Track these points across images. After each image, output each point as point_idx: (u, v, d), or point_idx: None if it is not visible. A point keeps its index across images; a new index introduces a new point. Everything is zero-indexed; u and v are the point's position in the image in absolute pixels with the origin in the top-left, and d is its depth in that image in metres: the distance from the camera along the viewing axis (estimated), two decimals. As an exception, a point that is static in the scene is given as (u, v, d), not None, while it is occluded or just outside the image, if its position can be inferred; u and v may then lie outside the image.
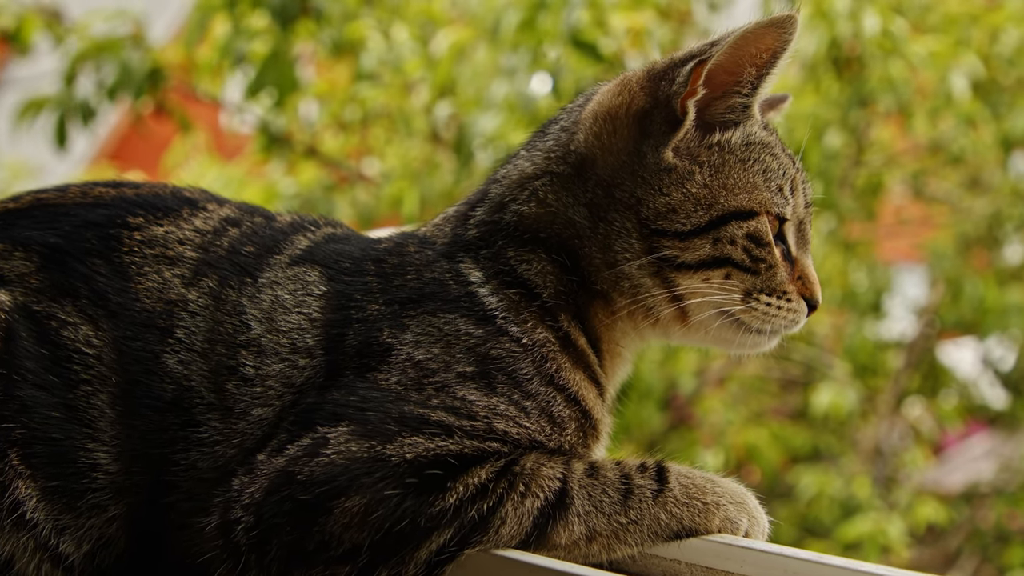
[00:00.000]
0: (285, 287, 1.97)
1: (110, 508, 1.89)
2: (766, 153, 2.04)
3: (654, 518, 1.81)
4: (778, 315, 2.02)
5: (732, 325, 2.03)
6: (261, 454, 1.85)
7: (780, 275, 2.01)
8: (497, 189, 2.08)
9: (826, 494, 7.04)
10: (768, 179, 2.02)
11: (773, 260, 2.01)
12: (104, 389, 1.90)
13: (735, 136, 2.02)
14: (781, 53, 1.99)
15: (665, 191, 1.97)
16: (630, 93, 2.03)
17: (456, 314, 1.93)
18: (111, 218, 2.01)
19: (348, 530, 1.77)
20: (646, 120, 2.01)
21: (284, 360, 1.91)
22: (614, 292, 2.01)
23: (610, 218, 1.99)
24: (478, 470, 1.81)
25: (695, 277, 1.98)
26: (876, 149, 7.08)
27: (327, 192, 5.74)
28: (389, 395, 1.85)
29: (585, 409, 1.96)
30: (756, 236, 1.99)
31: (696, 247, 1.97)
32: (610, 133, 2.02)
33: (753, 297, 2.00)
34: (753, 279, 2.00)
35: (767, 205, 2.00)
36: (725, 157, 2.00)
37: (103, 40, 5.21)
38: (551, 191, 2.03)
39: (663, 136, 1.99)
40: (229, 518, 1.82)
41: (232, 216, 2.08)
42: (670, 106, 1.99)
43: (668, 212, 1.97)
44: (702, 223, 1.97)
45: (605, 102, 2.05)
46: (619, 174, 2.00)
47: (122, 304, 1.94)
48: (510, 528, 1.79)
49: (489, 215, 2.06)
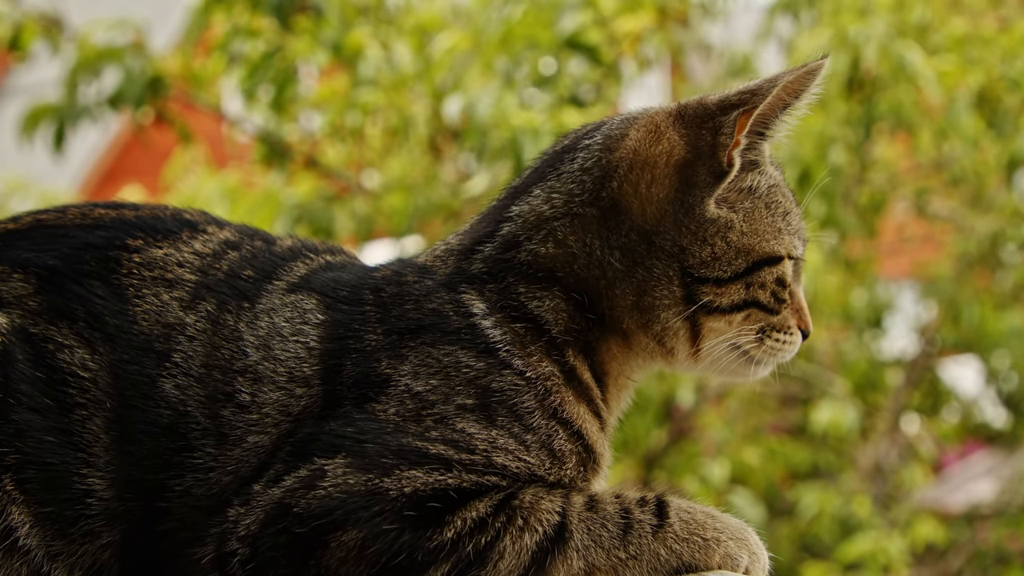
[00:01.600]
0: (282, 314, 1.95)
1: (104, 535, 1.87)
2: (781, 195, 2.06)
3: (654, 554, 1.79)
4: (783, 349, 2.05)
5: (741, 358, 2.04)
6: (257, 484, 1.83)
7: (788, 312, 2.05)
8: (510, 227, 2.04)
9: (826, 513, 7.02)
10: (788, 222, 2.04)
11: (795, 300, 2.05)
12: (99, 413, 1.88)
13: (760, 180, 2.03)
14: (804, 94, 2.01)
15: (710, 241, 1.97)
16: (669, 143, 2.01)
17: (456, 346, 1.91)
18: (110, 240, 1.99)
19: (344, 564, 1.76)
20: (688, 170, 2.00)
21: (281, 388, 1.89)
22: (640, 331, 2.01)
23: (649, 265, 1.98)
24: (476, 504, 1.79)
25: (722, 319, 2.00)
26: (879, 167, 7.08)
27: (326, 203, 5.72)
28: (387, 427, 1.83)
29: (587, 443, 1.94)
30: (782, 279, 2.01)
31: (731, 292, 1.98)
32: (648, 183, 2.00)
33: (767, 334, 2.03)
34: (770, 318, 2.02)
35: (788, 248, 2.02)
36: (755, 203, 2.01)
37: (104, 49, 5.20)
38: (571, 232, 2.00)
39: (708, 188, 1.99)
40: (225, 550, 1.80)
41: (232, 239, 2.06)
42: (715, 157, 1.98)
43: (712, 261, 1.97)
44: (739, 270, 1.98)
45: (641, 150, 2.02)
46: (661, 223, 1.99)
47: (119, 327, 1.91)
48: (508, 563, 1.77)
49: (500, 252, 2.03)
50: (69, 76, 5.23)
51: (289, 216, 5.44)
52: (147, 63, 5.21)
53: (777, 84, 1.97)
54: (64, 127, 5.22)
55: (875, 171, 6.99)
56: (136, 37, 5.29)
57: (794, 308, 2.06)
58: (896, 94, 5.53)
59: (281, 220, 5.37)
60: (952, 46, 6.00)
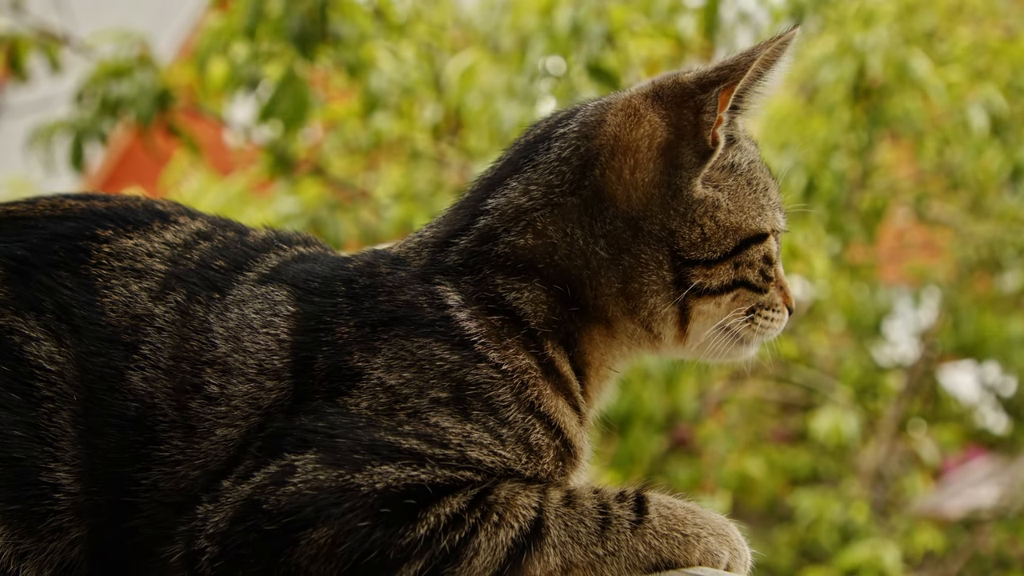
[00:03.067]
0: (252, 306, 1.91)
1: (72, 531, 1.83)
2: (760, 170, 2.03)
3: (632, 550, 1.76)
4: (771, 327, 2.04)
5: (729, 339, 2.03)
6: (227, 480, 1.79)
7: (774, 290, 2.03)
8: (486, 220, 2.01)
9: (825, 518, 7.03)
10: (769, 197, 2.02)
11: (778, 277, 2.03)
12: (66, 407, 1.84)
13: (740, 157, 2.01)
14: (775, 65, 2.00)
15: (699, 222, 1.95)
16: (651, 125, 1.98)
17: (430, 338, 1.87)
18: (80, 230, 1.95)
19: (315, 562, 1.72)
20: (672, 152, 1.97)
21: (251, 381, 1.85)
22: (626, 318, 1.98)
23: (636, 251, 1.95)
24: (450, 500, 1.76)
25: (711, 301, 1.98)
26: (880, 172, 7.08)
27: (331, 210, 5.71)
28: (359, 421, 1.80)
29: (565, 437, 1.90)
30: (768, 256, 2.00)
31: (720, 273, 1.97)
32: (632, 168, 1.97)
33: (756, 313, 2.01)
34: (758, 296, 2.01)
35: (773, 224, 2.01)
36: (738, 180, 2.00)
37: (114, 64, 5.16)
38: (552, 223, 1.97)
39: (693, 168, 1.96)
40: (194, 548, 1.77)
41: (204, 230, 2.02)
42: (699, 136, 1.96)
43: (702, 242, 1.95)
44: (728, 250, 1.96)
45: (622, 135, 1.98)
46: (648, 207, 1.96)
47: (87, 318, 1.88)
48: (483, 559, 1.73)
49: (476, 244, 1.99)
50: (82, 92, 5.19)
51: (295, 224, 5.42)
52: (156, 76, 5.18)
53: (755, 58, 1.94)
54: (81, 143, 5.18)
55: (876, 176, 7.00)
56: (142, 50, 5.26)
57: (778, 284, 2.04)
58: (902, 101, 5.53)
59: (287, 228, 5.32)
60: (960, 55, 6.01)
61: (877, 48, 5.24)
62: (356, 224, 5.83)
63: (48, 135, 5.21)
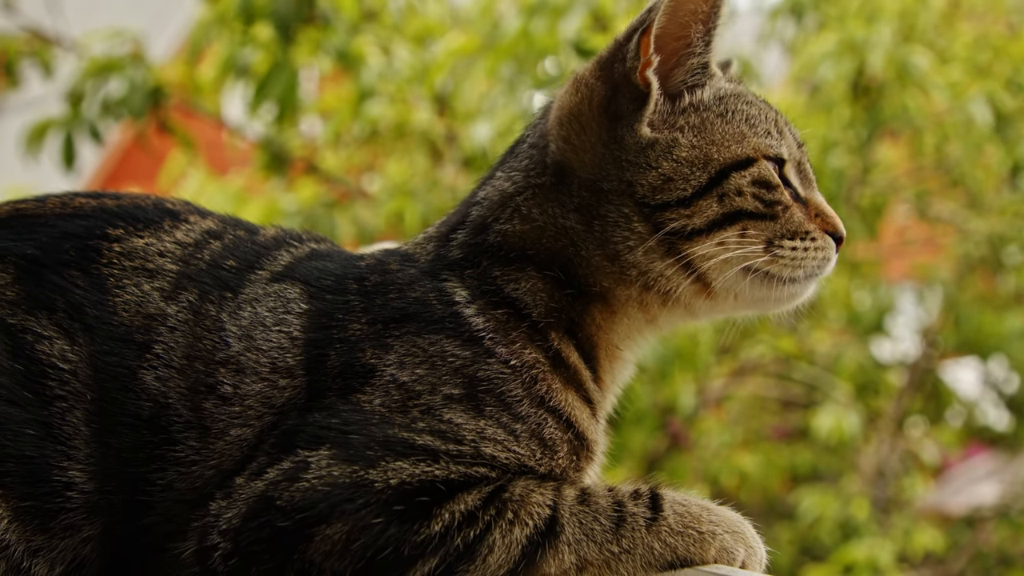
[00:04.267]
0: (265, 304, 1.91)
1: (84, 528, 1.83)
2: (741, 102, 2.01)
3: (647, 547, 1.75)
4: (807, 256, 1.97)
5: (762, 280, 1.96)
6: (240, 477, 1.79)
7: (797, 216, 1.97)
8: (478, 211, 2.03)
9: (827, 516, 7.01)
10: (753, 125, 1.99)
11: (787, 200, 1.96)
12: (79, 405, 1.84)
13: (706, 94, 1.99)
14: (722, 3, 1.97)
15: (654, 164, 1.93)
16: (588, 87, 2.00)
17: (441, 335, 1.87)
18: (90, 229, 1.96)
19: (329, 558, 1.72)
20: (611, 106, 1.97)
21: (264, 380, 1.85)
22: (619, 286, 1.96)
23: (603, 212, 1.94)
24: (465, 496, 1.75)
25: (709, 242, 1.92)
26: (880, 169, 7.06)
27: (327, 209, 5.70)
28: (372, 418, 1.80)
29: (578, 431, 1.90)
30: (762, 180, 1.95)
31: (703, 209, 1.92)
32: (579, 132, 1.98)
33: (776, 244, 1.94)
34: (772, 225, 1.95)
35: (761, 149, 1.97)
36: (703, 115, 1.97)
37: (105, 60, 5.16)
38: (535, 205, 1.99)
39: (634, 114, 1.95)
40: (206, 544, 1.77)
41: (214, 229, 2.03)
42: (631, 83, 1.96)
43: (664, 184, 1.92)
44: (702, 183, 1.92)
45: (566, 104, 2.01)
46: (602, 167, 1.96)
47: (99, 318, 1.88)
48: (498, 557, 1.72)
49: (472, 237, 2.01)
50: (73, 88, 5.19)
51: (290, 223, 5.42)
52: (148, 73, 5.17)
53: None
54: (73, 142, 5.17)
55: (876, 173, 6.98)
56: (134, 47, 5.25)
57: (811, 212, 1.99)
58: (902, 99, 5.51)
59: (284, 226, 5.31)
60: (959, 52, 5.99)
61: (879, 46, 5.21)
62: (353, 223, 5.82)
63: (40, 134, 5.20)
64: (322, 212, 5.67)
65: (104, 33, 5.31)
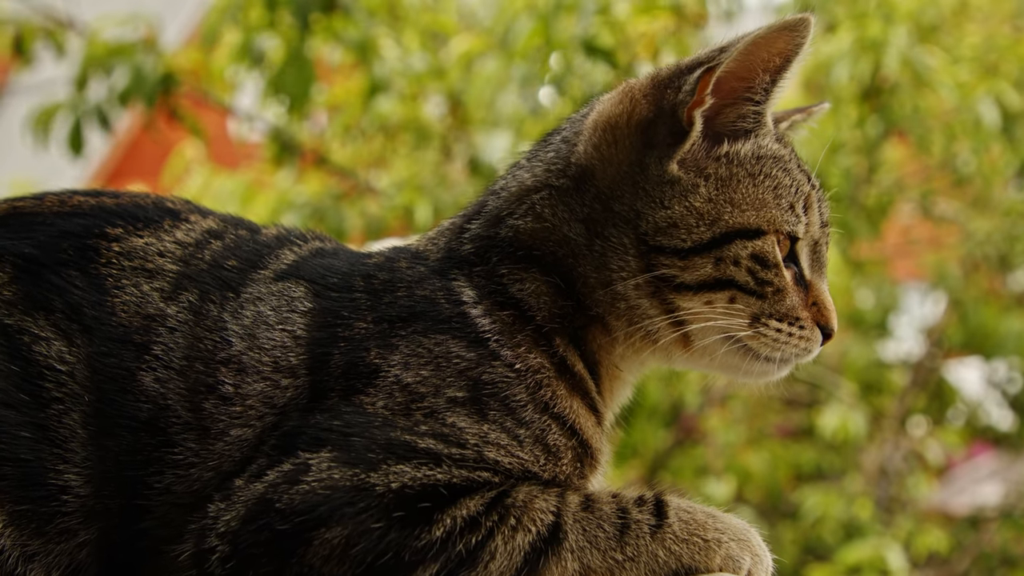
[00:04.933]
0: (269, 303, 1.88)
1: (80, 533, 1.80)
2: (778, 168, 1.94)
3: (652, 555, 1.72)
4: (788, 342, 1.91)
5: (739, 351, 1.92)
6: (239, 479, 1.76)
7: (791, 300, 1.91)
8: (495, 202, 2.00)
9: (830, 516, 7.01)
10: (779, 195, 1.91)
11: (781, 283, 1.90)
12: (77, 408, 1.80)
13: (745, 148, 1.93)
14: (794, 57, 1.90)
15: (667, 204, 1.88)
16: (632, 102, 1.94)
17: (448, 335, 1.84)
18: (89, 228, 1.92)
19: (328, 563, 1.69)
20: (650, 130, 1.92)
21: (266, 379, 1.82)
22: (610, 315, 1.92)
23: (607, 233, 1.90)
24: (467, 501, 1.72)
25: (696, 299, 1.88)
26: (886, 168, 7.07)
27: (336, 202, 5.69)
28: (375, 420, 1.77)
29: (583, 438, 1.87)
30: (761, 257, 1.88)
31: (697, 266, 1.87)
32: (610, 144, 1.93)
33: (761, 322, 1.90)
34: (760, 303, 1.89)
35: (776, 223, 1.90)
36: (733, 170, 1.90)
37: (115, 45, 5.14)
38: (548, 206, 1.94)
39: (668, 148, 1.90)
40: (204, 546, 1.74)
41: (215, 228, 1.99)
42: (676, 116, 1.90)
43: (668, 227, 1.87)
44: (703, 240, 1.87)
45: (606, 111, 1.96)
46: (619, 186, 1.91)
47: (97, 318, 1.84)
48: (500, 564, 1.70)
49: (485, 229, 1.97)
50: (80, 72, 5.17)
51: (299, 215, 5.41)
52: (159, 60, 5.14)
53: (745, 40, 1.87)
54: (80, 127, 5.15)
55: (882, 173, 6.98)
56: (147, 33, 5.23)
57: (809, 299, 1.93)
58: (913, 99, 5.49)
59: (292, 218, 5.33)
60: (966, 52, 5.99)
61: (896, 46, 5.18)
62: (361, 216, 5.82)
63: (47, 118, 5.18)
64: (330, 204, 5.65)
65: (118, 18, 5.28)
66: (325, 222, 5.44)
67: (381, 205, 5.71)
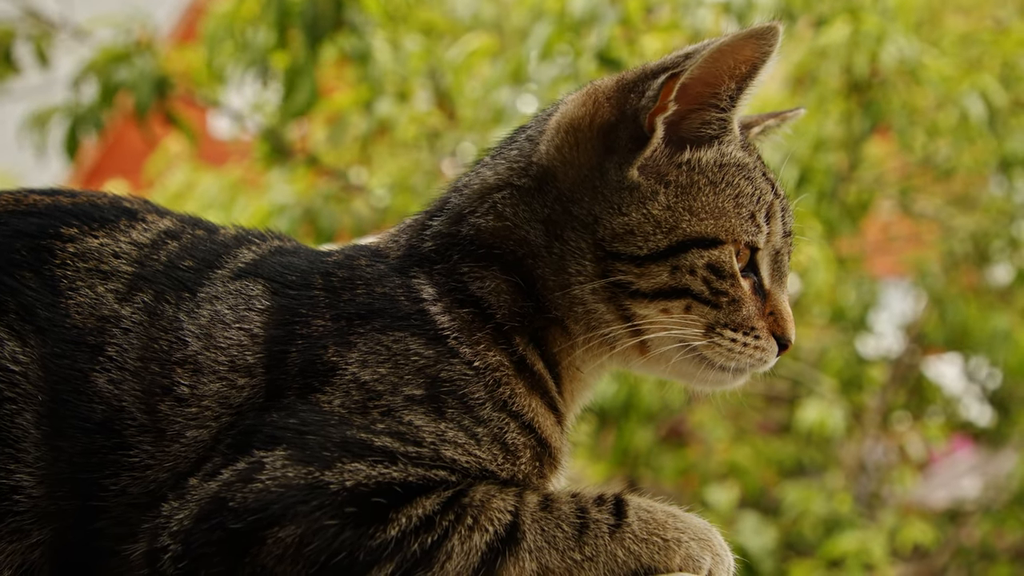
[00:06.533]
0: (226, 302, 1.86)
1: (33, 533, 1.78)
2: (741, 176, 1.92)
3: (611, 555, 1.71)
4: (744, 352, 1.91)
5: (694, 360, 1.92)
6: (194, 478, 1.75)
7: (747, 309, 1.90)
8: (457, 199, 1.98)
9: (810, 511, 7.04)
10: (740, 205, 1.90)
11: (737, 293, 1.89)
12: (29, 408, 1.78)
13: (709, 155, 1.91)
14: (762, 65, 1.88)
15: (624, 211, 1.86)
16: (596, 104, 1.92)
17: (406, 332, 1.82)
18: (43, 228, 1.89)
19: (281, 562, 1.67)
20: (611, 134, 1.90)
21: (222, 379, 1.80)
22: (568, 319, 1.91)
23: (565, 236, 1.89)
24: (423, 500, 1.71)
25: (652, 307, 1.88)
26: (867, 165, 7.10)
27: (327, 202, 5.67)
28: (331, 418, 1.75)
29: (541, 437, 1.86)
30: (717, 267, 1.87)
31: (653, 274, 1.86)
32: (572, 146, 1.92)
33: (716, 332, 1.89)
34: (715, 313, 1.89)
35: (735, 233, 1.89)
36: (695, 178, 1.89)
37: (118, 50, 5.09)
38: (510, 205, 1.93)
39: (629, 153, 1.88)
40: (156, 545, 1.72)
41: (172, 228, 1.97)
42: (637, 121, 1.88)
43: (625, 234, 1.86)
44: (660, 248, 1.86)
45: (569, 112, 1.94)
46: (579, 190, 1.90)
47: (51, 320, 1.82)
48: (456, 564, 1.69)
49: (447, 226, 1.96)
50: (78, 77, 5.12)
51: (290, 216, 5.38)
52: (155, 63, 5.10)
53: (710, 47, 1.85)
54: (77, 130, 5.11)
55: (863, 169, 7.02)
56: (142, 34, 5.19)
57: (766, 309, 1.93)
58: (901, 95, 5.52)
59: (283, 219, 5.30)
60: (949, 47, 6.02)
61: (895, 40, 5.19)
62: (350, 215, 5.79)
63: (43, 121, 5.14)
64: (320, 204, 5.63)
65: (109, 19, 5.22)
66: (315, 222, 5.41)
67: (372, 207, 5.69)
